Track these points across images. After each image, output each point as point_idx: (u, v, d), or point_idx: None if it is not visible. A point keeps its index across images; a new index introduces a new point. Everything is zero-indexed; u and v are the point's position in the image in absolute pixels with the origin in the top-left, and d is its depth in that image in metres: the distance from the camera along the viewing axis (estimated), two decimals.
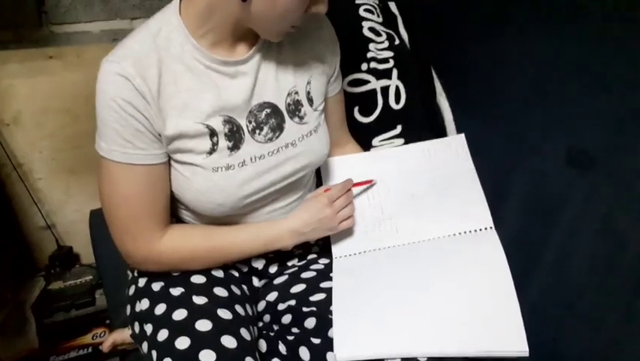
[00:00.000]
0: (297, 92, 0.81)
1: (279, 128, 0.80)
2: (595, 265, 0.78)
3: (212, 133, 0.74)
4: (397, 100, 1.08)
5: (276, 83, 0.79)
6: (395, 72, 1.09)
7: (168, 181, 0.77)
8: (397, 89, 1.08)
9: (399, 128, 1.08)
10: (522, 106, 0.94)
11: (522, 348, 0.71)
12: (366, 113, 1.08)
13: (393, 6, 1.25)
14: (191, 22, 0.71)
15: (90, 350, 1.28)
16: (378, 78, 1.08)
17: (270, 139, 0.79)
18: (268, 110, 0.78)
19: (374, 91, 1.08)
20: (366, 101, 1.08)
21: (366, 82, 1.08)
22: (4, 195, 1.32)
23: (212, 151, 0.75)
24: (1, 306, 1.20)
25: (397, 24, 1.20)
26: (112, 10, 1.29)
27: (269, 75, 0.78)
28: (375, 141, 1.08)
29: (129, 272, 0.91)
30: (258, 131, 0.78)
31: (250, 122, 0.77)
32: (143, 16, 1.32)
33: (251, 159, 0.77)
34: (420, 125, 1.08)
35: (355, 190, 0.91)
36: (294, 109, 0.81)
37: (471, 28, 1.09)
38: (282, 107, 0.80)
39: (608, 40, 0.79)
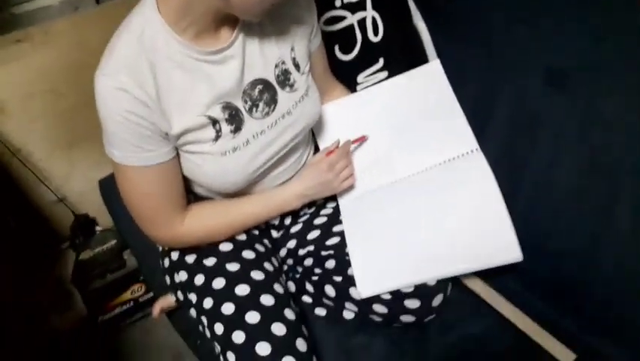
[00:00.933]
0: (283, 62, 0.84)
1: (273, 101, 0.83)
2: (576, 172, 0.87)
3: (215, 122, 0.78)
4: (375, 32, 1.09)
5: (263, 57, 0.81)
6: (369, 1, 1.09)
7: (180, 170, 0.82)
8: (374, 20, 1.09)
9: (381, 62, 1.10)
10: (500, 27, 0.97)
11: (517, 256, 0.82)
12: (346, 50, 1.10)
13: None
14: (170, 18, 0.71)
15: (132, 303, 1.42)
16: (353, 12, 1.08)
17: (267, 113, 0.83)
18: (260, 87, 0.81)
19: (351, 26, 1.08)
20: (346, 38, 1.09)
21: (343, 18, 1.08)
22: (10, 180, 1.36)
23: (217, 138, 0.79)
24: (45, 283, 1.31)
25: None
26: None
27: (254, 52, 0.80)
28: (360, 78, 1.11)
29: (159, 246, 0.99)
30: (254, 109, 0.82)
31: (246, 101, 0.80)
32: None
33: (253, 136, 0.82)
34: (401, 53, 1.11)
35: (351, 147, 0.97)
36: (284, 79, 0.84)
37: None
38: (273, 80, 0.83)
39: None
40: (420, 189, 0.93)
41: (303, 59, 0.87)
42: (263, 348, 0.75)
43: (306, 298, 0.99)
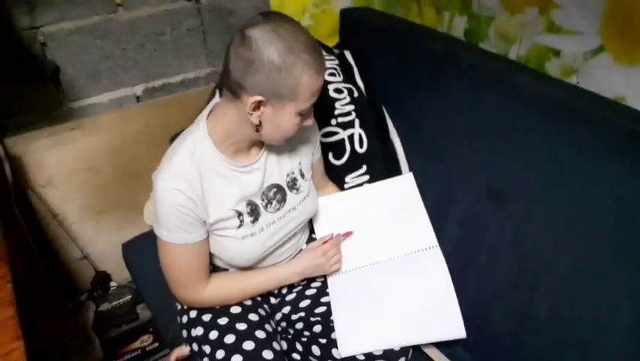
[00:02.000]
0: (293, 172, 1.13)
1: (283, 200, 1.11)
2: (509, 269, 1.14)
3: (239, 214, 1.05)
4: (361, 145, 1.40)
5: (278, 168, 1.10)
6: (357, 122, 1.41)
7: (209, 247, 1.08)
8: (360, 136, 1.40)
9: (364, 168, 1.40)
10: (455, 151, 1.28)
11: (462, 334, 1.09)
12: (338, 157, 1.40)
13: (348, 55, 1.53)
14: (216, 139, 0.99)
15: (139, 351, 1.62)
16: (344, 129, 1.40)
17: (278, 209, 1.11)
18: (275, 190, 1.10)
19: (343, 140, 1.39)
20: (338, 148, 1.40)
21: (336, 133, 1.39)
22: (46, 239, 1.59)
23: (240, 225, 1.06)
24: (69, 329, 1.52)
25: (354, 75, 1.49)
26: (116, 82, 1.54)
27: (273, 164, 1.09)
28: (348, 178, 1.41)
29: (178, 305, 1.22)
30: (269, 206, 1.09)
31: (263, 200, 1.08)
32: (143, 81, 1.57)
33: (267, 225, 1.09)
34: (380, 162, 1.41)
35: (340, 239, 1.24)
36: (292, 185, 1.13)
37: (420, 77, 1.40)
38: (284, 185, 1.11)
39: (519, 99, 1.14)
40: (390, 274, 1.20)
41: (307, 169, 1.16)
42: None
43: (296, 356, 1.21)
